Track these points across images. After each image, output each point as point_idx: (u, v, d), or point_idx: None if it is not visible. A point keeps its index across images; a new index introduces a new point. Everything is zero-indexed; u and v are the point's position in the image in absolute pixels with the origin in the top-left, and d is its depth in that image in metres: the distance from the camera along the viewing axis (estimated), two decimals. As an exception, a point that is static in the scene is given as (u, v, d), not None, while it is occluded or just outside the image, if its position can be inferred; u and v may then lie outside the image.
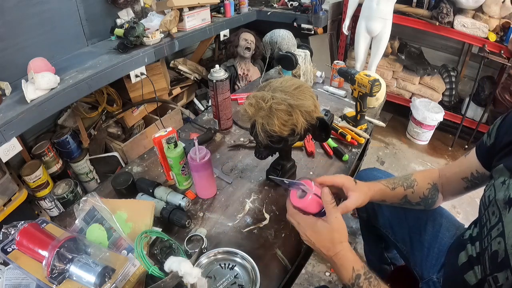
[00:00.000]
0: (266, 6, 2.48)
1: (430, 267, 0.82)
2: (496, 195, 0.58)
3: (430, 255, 0.83)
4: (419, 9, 2.10)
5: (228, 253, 0.72)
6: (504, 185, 0.57)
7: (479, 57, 2.00)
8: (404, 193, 0.78)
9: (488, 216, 0.60)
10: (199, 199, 0.92)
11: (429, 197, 0.79)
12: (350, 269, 0.60)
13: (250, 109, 0.74)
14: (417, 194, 0.78)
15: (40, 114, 1.21)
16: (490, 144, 0.66)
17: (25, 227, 0.66)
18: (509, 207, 0.54)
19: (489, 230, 0.59)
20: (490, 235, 0.58)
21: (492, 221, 0.58)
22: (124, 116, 1.92)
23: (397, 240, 0.92)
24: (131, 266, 0.65)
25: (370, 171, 1.05)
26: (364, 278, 0.59)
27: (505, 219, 0.54)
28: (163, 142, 0.87)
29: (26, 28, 1.38)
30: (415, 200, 0.79)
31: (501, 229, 0.55)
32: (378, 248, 1.12)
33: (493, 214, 0.58)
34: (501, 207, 0.56)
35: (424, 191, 0.78)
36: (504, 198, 0.55)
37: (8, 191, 1.29)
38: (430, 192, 0.78)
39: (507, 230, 0.53)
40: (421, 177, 0.80)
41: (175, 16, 1.71)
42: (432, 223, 0.85)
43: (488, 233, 0.59)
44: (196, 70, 2.30)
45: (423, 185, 0.78)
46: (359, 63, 2.20)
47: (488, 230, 0.59)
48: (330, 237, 0.62)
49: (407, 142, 2.46)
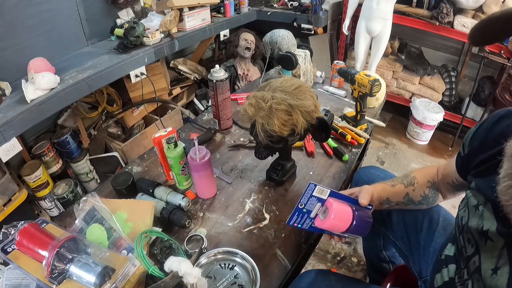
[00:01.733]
0: (266, 6, 2.48)
1: (427, 266, 0.82)
2: (469, 220, 0.55)
3: (426, 254, 0.83)
4: (419, 9, 2.10)
5: (228, 253, 0.72)
6: (478, 211, 0.53)
7: (479, 57, 2.00)
8: (406, 191, 0.79)
9: (464, 243, 0.57)
10: (199, 199, 0.92)
11: (429, 195, 0.79)
12: None
13: (250, 109, 0.74)
14: (418, 192, 0.79)
15: (40, 114, 1.21)
16: (464, 155, 0.63)
17: (25, 227, 0.66)
18: (485, 240, 0.50)
19: (466, 260, 0.55)
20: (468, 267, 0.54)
21: (468, 250, 0.55)
22: (124, 116, 1.92)
23: (396, 239, 0.92)
24: (131, 266, 0.65)
25: (368, 169, 1.06)
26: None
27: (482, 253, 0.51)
28: (163, 142, 0.87)
29: (26, 28, 1.38)
30: (417, 199, 0.79)
31: (477, 263, 0.51)
32: (377, 247, 1.12)
33: (469, 242, 0.55)
34: (477, 238, 0.52)
35: (424, 189, 0.79)
36: (478, 228, 0.52)
37: (8, 191, 1.29)
38: (431, 191, 0.79)
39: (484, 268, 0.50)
40: (421, 175, 0.80)
41: (175, 16, 1.71)
42: (428, 222, 0.85)
43: (466, 265, 0.55)
44: (196, 70, 2.30)
45: (423, 183, 0.79)
46: (359, 63, 2.20)
47: (466, 260, 0.55)
48: None
49: (407, 142, 2.46)
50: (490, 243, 0.50)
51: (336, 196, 0.69)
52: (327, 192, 0.68)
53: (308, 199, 0.67)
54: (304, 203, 0.67)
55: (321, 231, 0.72)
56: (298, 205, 0.67)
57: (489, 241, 0.50)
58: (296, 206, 0.67)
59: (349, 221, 0.66)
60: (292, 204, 0.90)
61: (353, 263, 1.54)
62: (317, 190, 0.67)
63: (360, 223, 0.67)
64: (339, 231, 0.68)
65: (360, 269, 1.52)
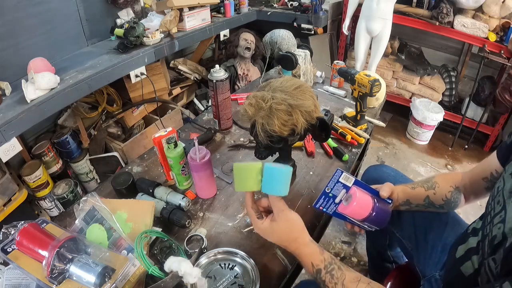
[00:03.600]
0: (266, 6, 2.48)
1: (433, 265, 0.82)
2: (504, 185, 0.58)
3: (433, 253, 0.83)
4: (419, 9, 2.10)
5: (228, 253, 0.72)
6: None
7: (479, 57, 2.00)
8: (426, 194, 0.79)
9: (493, 205, 0.60)
10: (199, 199, 0.92)
11: (452, 200, 0.79)
12: (310, 265, 0.60)
13: (250, 109, 0.74)
14: (439, 195, 0.79)
15: (40, 114, 1.21)
16: (510, 142, 0.66)
17: (25, 227, 0.66)
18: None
19: (492, 217, 0.59)
20: (493, 222, 0.58)
21: (496, 209, 0.59)
22: (124, 116, 1.92)
23: (403, 237, 0.92)
24: (131, 266, 0.65)
25: (380, 167, 1.06)
26: (325, 272, 0.59)
27: (508, 207, 0.55)
28: (163, 142, 0.87)
29: (26, 28, 1.38)
30: (438, 203, 0.79)
31: (503, 216, 0.55)
32: (382, 246, 1.12)
33: (498, 203, 0.58)
34: (506, 196, 0.56)
35: (446, 193, 0.79)
36: (510, 188, 0.56)
37: (8, 191, 1.29)
38: (453, 195, 0.79)
39: (508, 216, 0.53)
40: (443, 180, 0.81)
41: (175, 16, 1.71)
42: (438, 222, 0.86)
43: (491, 221, 0.59)
44: (196, 70, 2.30)
45: (445, 187, 0.79)
46: (359, 63, 2.20)
47: (491, 218, 0.59)
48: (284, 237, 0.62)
49: (407, 142, 2.46)
50: None
51: (359, 185, 0.74)
52: (352, 179, 0.72)
53: (335, 184, 0.71)
54: (331, 188, 0.71)
55: (343, 218, 0.76)
56: (325, 189, 0.71)
57: None
58: (323, 190, 0.71)
59: (369, 209, 0.71)
60: (292, 204, 0.90)
61: (353, 263, 1.54)
62: (343, 176, 0.71)
63: (379, 213, 0.72)
64: (359, 218, 0.72)
65: (360, 269, 1.52)
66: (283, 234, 0.62)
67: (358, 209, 0.71)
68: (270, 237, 0.63)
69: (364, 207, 0.71)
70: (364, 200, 0.71)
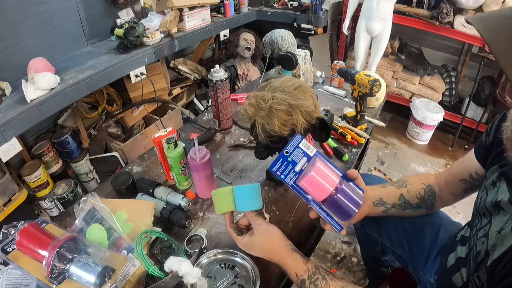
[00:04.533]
0: (266, 6, 2.48)
1: (428, 270, 0.82)
2: (487, 197, 0.58)
3: (429, 258, 0.82)
4: (419, 9, 2.10)
5: (228, 253, 0.71)
6: (495, 188, 0.57)
7: (479, 57, 2.00)
8: (399, 192, 0.78)
9: (480, 218, 0.60)
10: (199, 199, 0.92)
11: (426, 197, 0.78)
12: (294, 275, 0.61)
13: (250, 109, 0.74)
14: (413, 193, 0.78)
15: (40, 114, 1.21)
16: (489, 143, 0.65)
17: (25, 227, 0.66)
18: (498, 210, 0.54)
19: (478, 230, 0.59)
20: (477, 235, 0.58)
21: (482, 222, 0.58)
22: (124, 116, 1.92)
23: (395, 247, 0.91)
24: (131, 266, 0.65)
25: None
26: (309, 283, 0.59)
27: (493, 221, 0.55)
28: (163, 142, 0.87)
29: (26, 28, 1.38)
30: (414, 201, 0.78)
31: (487, 229, 0.55)
32: (375, 253, 1.11)
33: (484, 215, 0.58)
34: (491, 210, 0.56)
35: (419, 190, 0.78)
36: (492, 201, 0.56)
37: (8, 191, 1.29)
38: (426, 192, 0.78)
39: (491, 231, 0.54)
40: (414, 179, 0.81)
41: (175, 16, 1.71)
42: (430, 226, 0.85)
43: (476, 233, 0.59)
44: (196, 70, 2.30)
45: (417, 185, 0.79)
46: (359, 63, 2.20)
47: (476, 230, 0.59)
48: (265, 249, 0.64)
49: (407, 142, 2.46)
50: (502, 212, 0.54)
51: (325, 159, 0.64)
52: (313, 150, 0.64)
53: (294, 148, 0.63)
54: (290, 151, 0.63)
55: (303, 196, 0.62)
56: (284, 151, 0.62)
57: (501, 210, 0.54)
58: (281, 152, 0.63)
59: (331, 187, 0.59)
60: (292, 204, 0.90)
61: (353, 263, 1.54)
62: (303, 143, 0.64)
63: (344, 197, 0.60)
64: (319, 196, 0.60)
65: (360, 269, 1.52)
66: (264, 247, 0.64)
67: (317, 182, 0.59)
68: (252, 251, 0.65)
69: (326, 182, 0.59)
70: (326, 174, 0.60)
